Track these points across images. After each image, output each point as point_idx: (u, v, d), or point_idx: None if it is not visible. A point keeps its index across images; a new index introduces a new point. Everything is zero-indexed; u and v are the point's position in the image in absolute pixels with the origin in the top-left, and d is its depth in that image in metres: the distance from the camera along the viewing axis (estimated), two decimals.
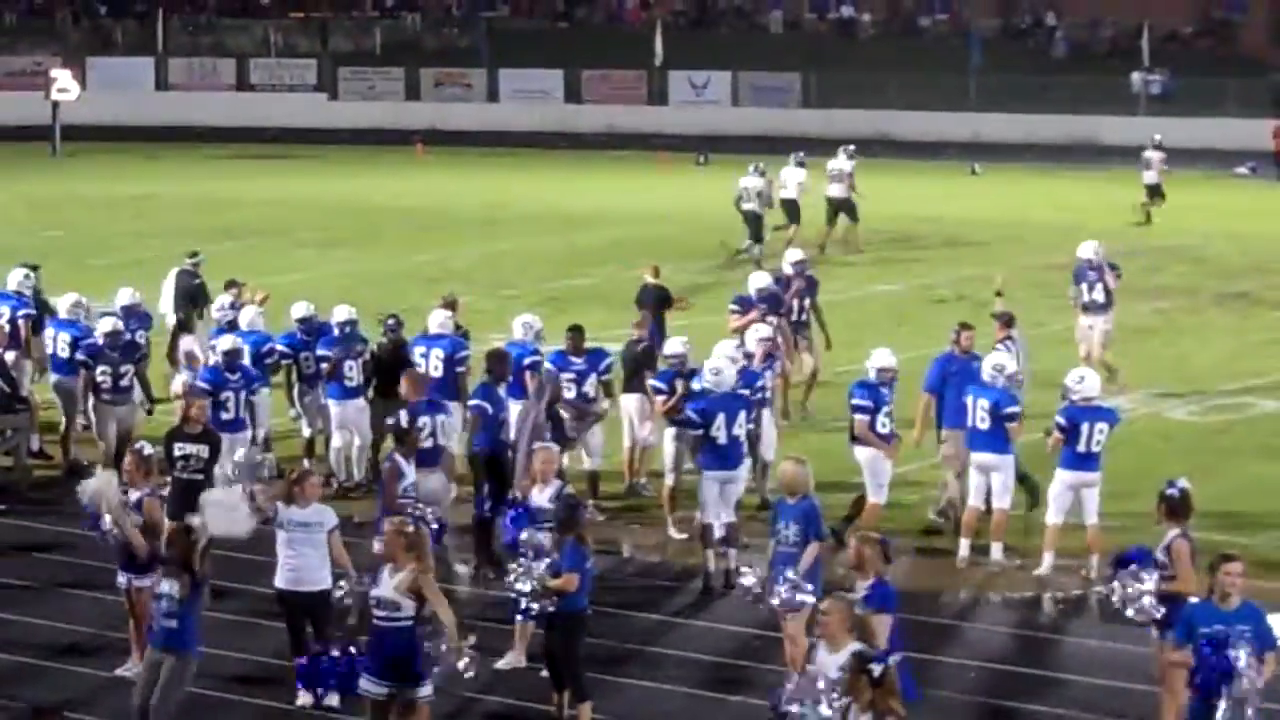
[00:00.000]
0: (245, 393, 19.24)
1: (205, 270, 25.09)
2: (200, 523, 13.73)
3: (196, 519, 13.91)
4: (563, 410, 18.71)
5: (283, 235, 39.80)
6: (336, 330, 20.56)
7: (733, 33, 72.37)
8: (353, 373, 20.29)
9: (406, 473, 16.14)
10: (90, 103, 60.49)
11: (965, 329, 19.41)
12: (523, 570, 13.76)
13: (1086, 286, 24.64)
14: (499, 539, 16.77)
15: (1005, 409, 17.71)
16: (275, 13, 75.38)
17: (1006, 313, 20.53)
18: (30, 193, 47.25)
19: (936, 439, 19.04)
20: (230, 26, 74.75)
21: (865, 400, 18.12)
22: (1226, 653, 11.86)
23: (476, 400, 18.26)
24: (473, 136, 61.71)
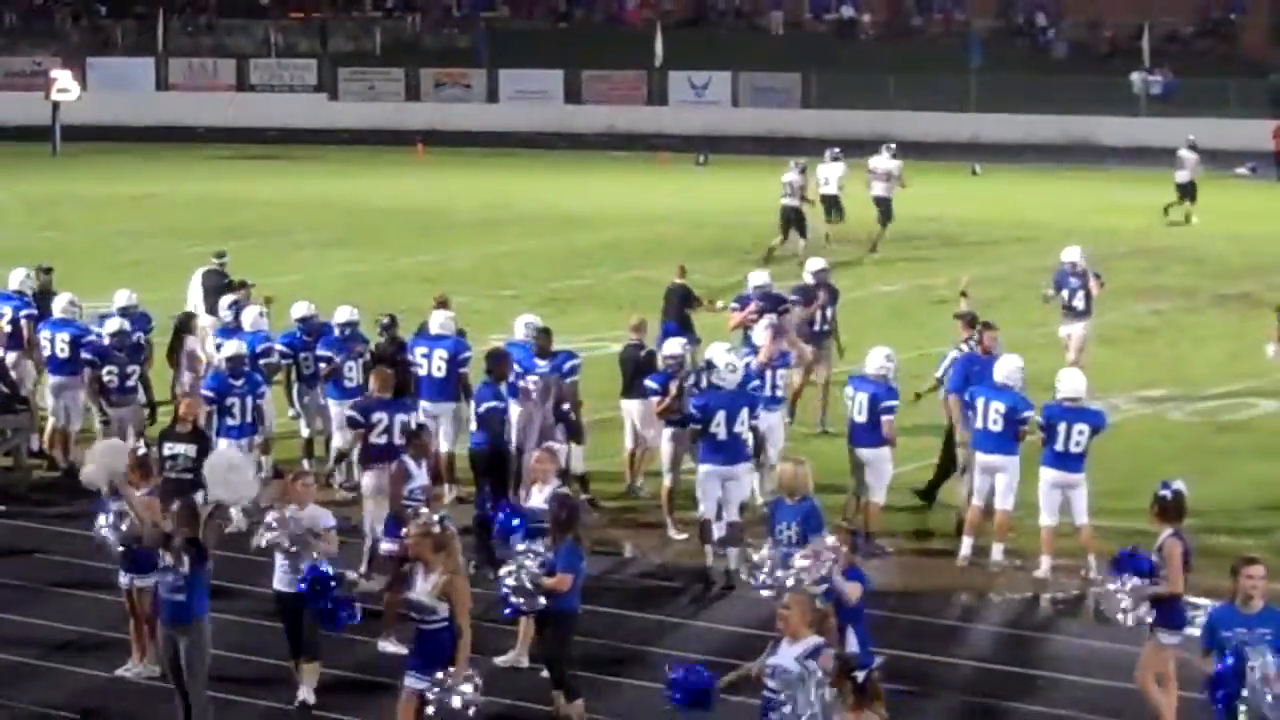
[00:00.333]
0: (251, 398, 19.16)
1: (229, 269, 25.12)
2: (203, 497, 13.79)
3: (200, 495, 13.97)
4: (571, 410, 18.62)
5: (282, 235, 39.78)
6: (337, 331, 20.56)
7: (733, 33, 72.32)
8: (352, 373, 20.26)
9: (414, 474, 16.13)
10: (90, 103, 60.57)
11: (987, 329, 19.37)
12: (515, 568, 13.77)
13: (1068, 293, 24.59)
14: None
15: (1021, 413, 17.67)
16: (275, 13, 75.35)
17: (970, 313, 20.41)
18: (30, 193, 47.27)
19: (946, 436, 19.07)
20: (230, 27, 74.76)
21: (891, 400, 18.12)
22: (1246, 665, 11.82)
23: (489, 402, 18.17)
24: (473, 137, 61.74)
